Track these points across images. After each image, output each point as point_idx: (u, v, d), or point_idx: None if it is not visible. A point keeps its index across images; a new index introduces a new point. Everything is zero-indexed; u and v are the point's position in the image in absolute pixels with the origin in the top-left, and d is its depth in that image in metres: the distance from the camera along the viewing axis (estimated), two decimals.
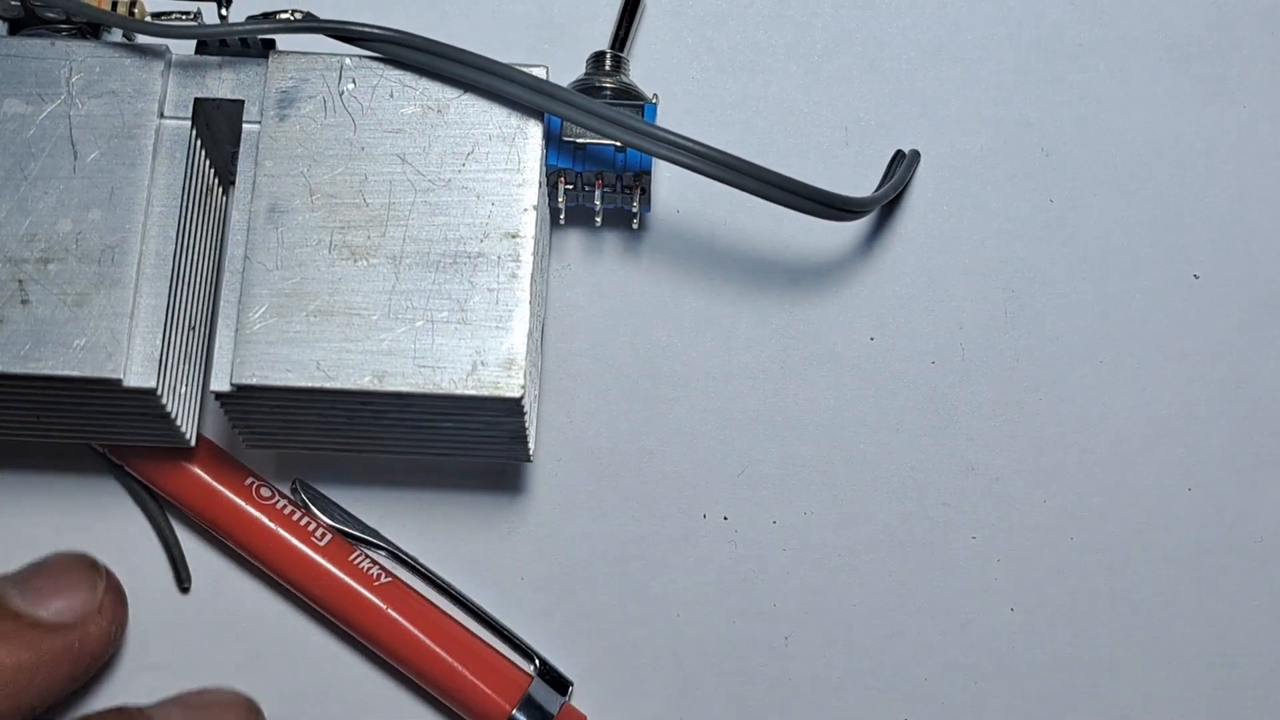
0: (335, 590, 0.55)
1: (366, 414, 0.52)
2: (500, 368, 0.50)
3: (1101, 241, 0.59)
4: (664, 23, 0.61)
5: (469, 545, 0.57)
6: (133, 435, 0.53)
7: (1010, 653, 0.56)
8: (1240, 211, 0.60)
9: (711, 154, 0.53)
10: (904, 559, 0.57)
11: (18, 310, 0.50)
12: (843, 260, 0.59)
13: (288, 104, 0.52)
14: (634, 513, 0.57)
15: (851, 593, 0.57)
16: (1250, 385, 0.58)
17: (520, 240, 0.51)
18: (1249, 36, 0.61)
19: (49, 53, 0.52)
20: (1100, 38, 0.61)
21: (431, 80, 0.53)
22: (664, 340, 0.58)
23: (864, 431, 0.58)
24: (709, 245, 0.59)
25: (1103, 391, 0.58)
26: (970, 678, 0.56)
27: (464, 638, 0.55)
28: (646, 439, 0.58)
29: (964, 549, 0.57)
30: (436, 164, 0.52)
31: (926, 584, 0.57)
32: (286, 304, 0.51)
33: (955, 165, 0.60)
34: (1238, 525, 0.57)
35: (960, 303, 0.59)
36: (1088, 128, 0.60)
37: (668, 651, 0.56)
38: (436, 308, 0.51)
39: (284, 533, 0.55)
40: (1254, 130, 0.60)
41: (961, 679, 0.56)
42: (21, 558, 0.56)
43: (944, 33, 0.61)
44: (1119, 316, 0.59)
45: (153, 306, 0.51)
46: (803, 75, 0.61)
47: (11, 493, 0.57)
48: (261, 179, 0.52)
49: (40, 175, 0.51)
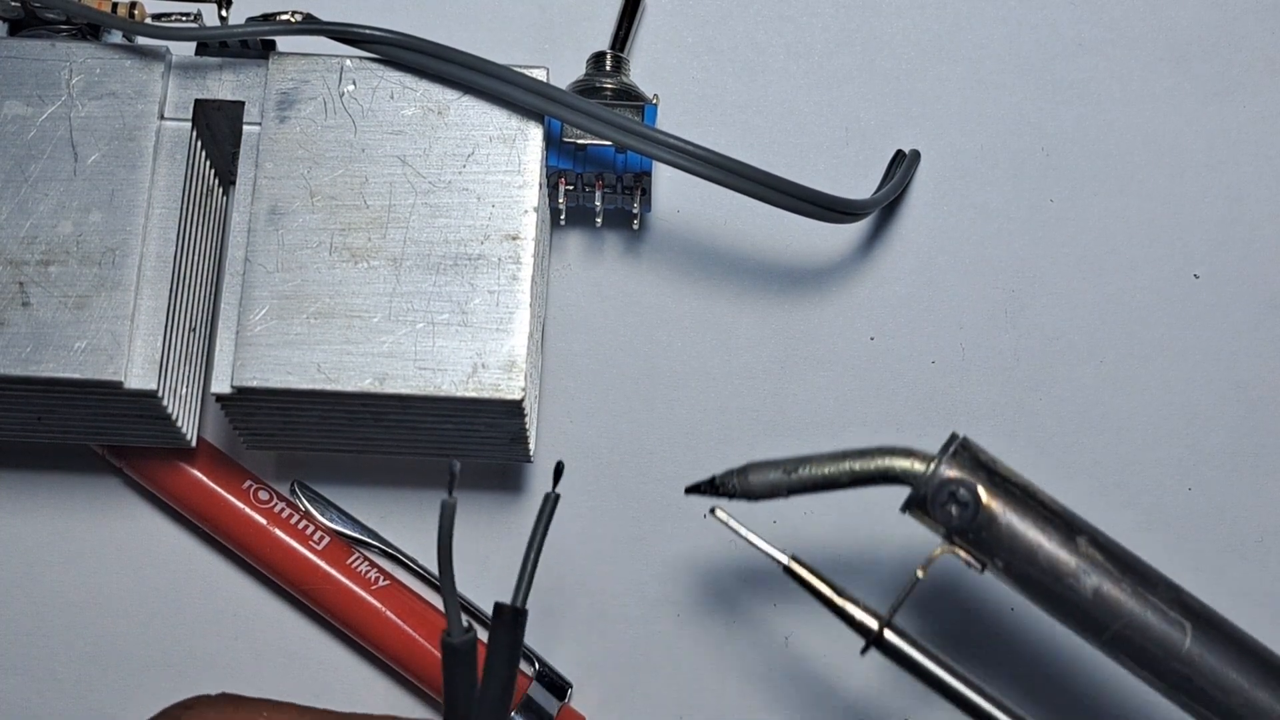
0: (333, 593, 0.55)
1: (367, 416, 0.52)
2: (501, 370, 0.50)
3: (1101, 241, 0.59)
4: (664, 23, 0.61)
5: (469, 545, 0.57)
6: (134, 436, 0.53)
7: (1010, 652, 0.56)
8: (1240, 211, 0.60)
9: (712, 158, 0.53)
10: (904, 559, 0.57)
11: (19, 313, 0.50)
12: (843, 260, 0.59)
13: (288, 105, 0.52)
14: (634, 513, 0.57)
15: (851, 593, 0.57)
16: (1250, 385, 0.58)
17: (521, 242, 0.51)
18: (1249, 36, 0.61)
19: (49, 54, 0.52)
20: (1100, 38, 0.61)
21: (432, 82, 0.53)
22: (664, 340, 0.58)
23: (864, 431, 0.58)
24: (709, 245, 0.59)
25: (1103, 391, 0.58)
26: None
27: None
28: (646, 439, 0.58)
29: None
30: (437, 166, 0.52)
31: (927, 583, 0.57)
32: (287, 306, 0.51)
33: (955, 165, 0.60)
34: (1238, 525, 0.57)
35: (960, 303, 0.59)
36: (1088, 128, 0.60)
37: (668, 651, 0.56)
38: (437, 310, 0.51)
39: (283, 535, 0.55)
40: (1254, 130, 0.60)
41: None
42: (22, 558, 0.56)
43: (944, 33, 0.61)
44: (1119, 316, 0.59)
45: (153, 308, 0.51)
46: (803, 75, 0.61)
47: (11, 493, 0.57)
48: (262, 181, 0.52)
49: (41, 177, 0.51)
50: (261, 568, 0.56)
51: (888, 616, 0.49)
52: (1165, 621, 0.48)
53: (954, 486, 0.49)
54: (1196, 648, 0.48)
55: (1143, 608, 0.48)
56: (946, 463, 0.49)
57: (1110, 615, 0.48)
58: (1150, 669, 0.48)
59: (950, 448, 0.49)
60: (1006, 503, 0.49)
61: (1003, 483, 0.49)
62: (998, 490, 0.49)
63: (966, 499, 0.48)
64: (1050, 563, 0.48)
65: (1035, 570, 0.49)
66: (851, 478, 0.50)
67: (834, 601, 0.49)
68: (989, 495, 0.49)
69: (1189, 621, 0.48)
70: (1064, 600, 0.49)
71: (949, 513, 0.49)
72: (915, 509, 0.49)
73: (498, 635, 0.45)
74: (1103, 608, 0.48)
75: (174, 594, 0.56)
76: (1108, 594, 0.48)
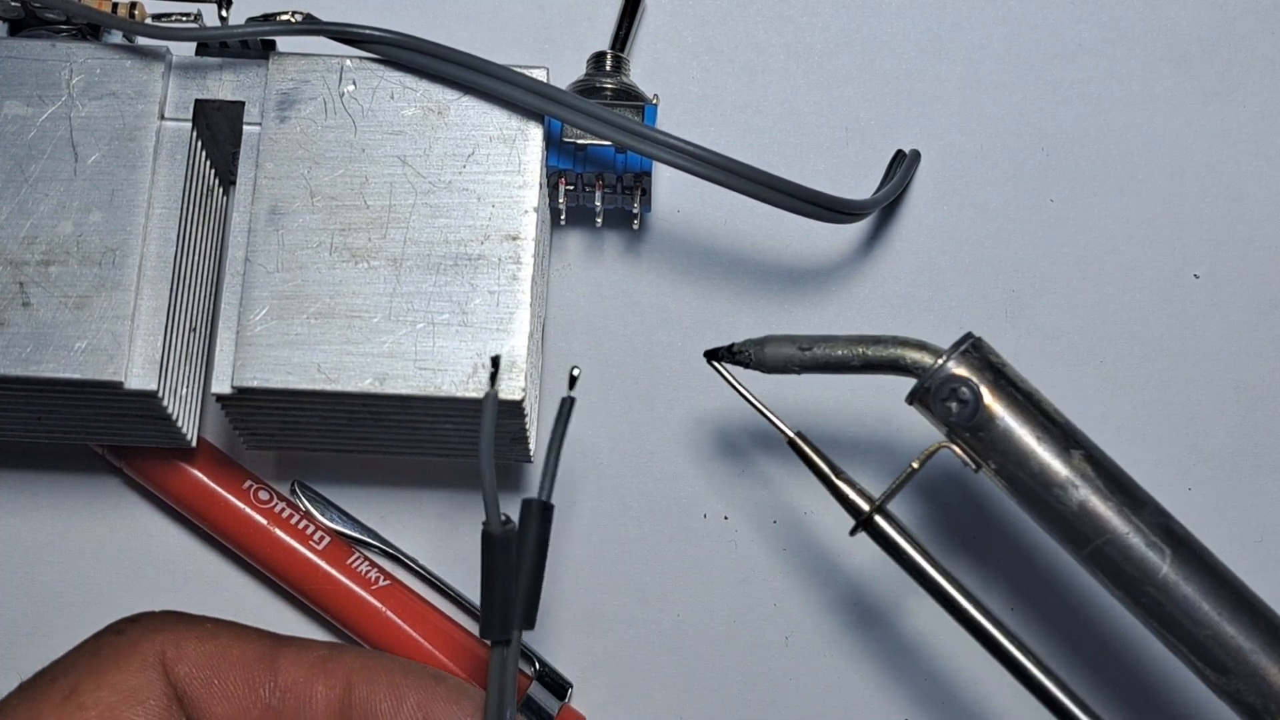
0: (333, 593, 0.55)
1: (367, 416, 0.52)
2: (501, 370, 0.50)
3: (1101, 241, 0.59)
4: (664, 23, 0.61)
5: (469, 545, 0.57)
6: (134, 436, 0.53)
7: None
8: (1240, 211, 0.60)
9: (712, 158, 0.53)
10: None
11: (19, 313, 0.50)
12: (843, 260, 0.59)
13: (288, 106, 0.52)
14: (634, 513, 0.57)
15: (852, 593, 0.57)
16: (1250, 385, 0.58)
17: (521, 242, 0.51)
18: (1249, 36, 0.61)
19: (49, 54, 0.52)
20: (1100, 38, 0.61)
21: (432, 82, 0.53)
22: (664, 340, 0.58)
23: (864, 431, 0.58)
24: (709, 245, 0.59)
25: (1103, 391, 0.58)
26: (970, 678, 0.56)
27: (462, 639, 0.55)
28: (646, 439, 0.58)
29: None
30: (437, 166, 0.52)
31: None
32: (287, 306, 0.51)
33: (955, 165, 0.60)
34: (1238, 525, 0.57)
35: (960, 303, 0.59)
36: (1088, 128, 0.60)
37: (668, 651, 0.56)
38: (437, 310, 0.51)
39: (283, 535, 0.55)
40: (1254, 130, 0.60)
41: (961, 679, 0.56)
42: (22, 558, 0.56)
43: (944, 33, 0.61)
44: (1119, 316, 0.59)
45: (154, 309, 0.51)
46: (803, 75, 0.61)
47: (11, 493, 0.57)
48: (262, 181, 0.52)
49: (41, 177, 0.51)
50: (261, 568, 0.56)
51: (880, 501, 0.50)
52: (1146, 544, 0.49)
53: (957, 384, 0.49)
54: (1173, 575, 0.49)
55: (1126, 528, 0.49)
56: (955, 359, 0.50)
57: (1093, 530, 0.49)
58: (1125, 590, 0.49)
59: (961, 345, 0.50)
60: (1008, 406, 0.49)
61: (1008, 386, 0.50)
62: (1001, 393, 0.49)
63: (967, 397, 0.49)
64: (1041, 470, 0.49)
65: (1025, 475, 0.49)
66: (863, 362, 0.51)
67: (831, 480, 0.51)
68: (992, 396, 0.49)
69: (1170, 548, 0.49)
70: (1049, 509, 0.49)
71: (948, 409, 0.49)
72: (918, 401, 0.50)
73: (527, 526, 0.47)
74: (1086, 522, 0.49)
75: (174, 594, 0.56)
76: (1093, 509, 0.49)
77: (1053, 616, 0.56)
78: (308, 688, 0.47)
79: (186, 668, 0.46)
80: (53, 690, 0.46)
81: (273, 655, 0.47)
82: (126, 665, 0.46)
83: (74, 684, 0.46)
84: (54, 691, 0.45)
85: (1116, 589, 0.49)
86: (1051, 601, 0.56)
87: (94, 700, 0.45)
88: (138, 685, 0.46)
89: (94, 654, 0.47)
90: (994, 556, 0.57)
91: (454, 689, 0.47)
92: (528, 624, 0.47)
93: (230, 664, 0.47)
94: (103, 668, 0.46)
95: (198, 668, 0.47)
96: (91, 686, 0.46)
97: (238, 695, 0.47)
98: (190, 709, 0.46)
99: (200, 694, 0.46)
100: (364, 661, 0.47)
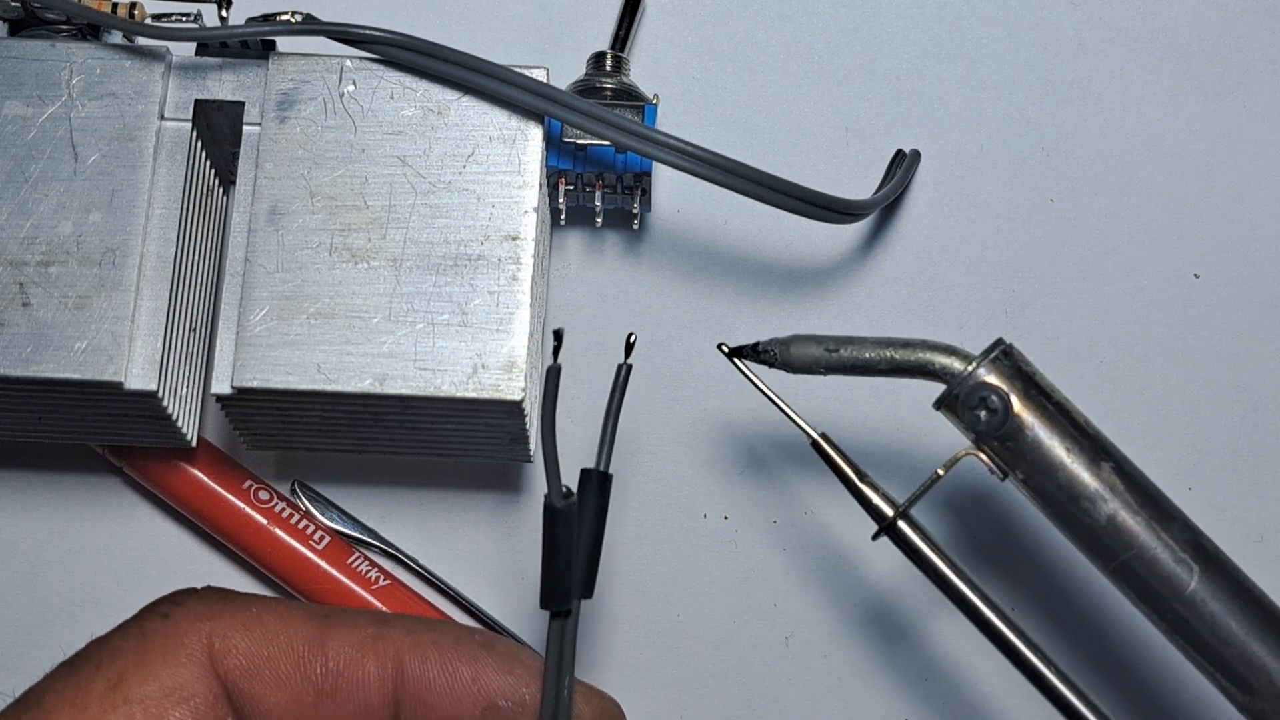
0: (333, 593, 0.55)
1: (367, 416, 0.52)
2: (501, 370, 0.50)
3: (1101, 241, 0.59)
4: (664, 23, 0.61)
5: (469, 545, 0.57)
6: (134, 436, 0.53)
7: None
8: (1240, 211, 0.60)
9: (712, 158, 0.53)
10: (904, 559, 0.57)
11: (19, 313, 0.50)
12: (843, 261, 0.59)
13: (288, 106, 0.52)
14: (634, 513, 0.57)
15: (851, 593, 0.57)
16: (1250, 385, 0.58)
17: (521, 242, 0.51)
18: (1249, 36, 0.61)
19: (49, 54, 0.52)
20: (1100, 37, 0.61)
21: (432, 82, 0.53)
22: (664, 340, 0.58)
23: (864, 431, 0.58)
24: (709, 245, 0.59)
25: (1102, 391, 0.58)
26: (970, 678, 0.56)
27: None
28: (646, 439, 0.58)
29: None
30: (437, 166, 0.52)
31: (927, 582, 0.57)
32: (287, 306, 0.51)
33: (955, 165, 0.60)
34: (1238, 525, 0.57)
35: (960, 303, 0.59)
36: (1088, 128, 0.60)
37: (668, 651, 0.56)
38: (437, 310, 0.51)
39: (283, 535, 0.55)
40: (1254, 130, 0.60)
41: (961, 679, 0.56)
42: (22, 558, 0.56)
43: (944, 33, 0.61)
44: (1119, 316, 0.59)
45: (154, 309, 0.51)
46: (803, 75, 0.61)
47: (11, 493, 0.57)
48: (262, 181, 0.52)
49: (41, 178, 0.51)
50: (261, 568, 0.56)
51: (904, 506, 0.50)
52: (1174, 560, 0.48)
53: (986, 392, 0.49)
54: (1201, 592, 0.48)
55: (1154, 543, 0.48)
56: (985, 366, 0.49)
57: (1120, 544, 0.48)
58: (1151, 605, 0.48)
59: (992, 352, 0.49)
60: (1038, 415, 0.49)
61: (1038, 395, 0.49)
62: (1031, 402, 0.49)
63: (996, 406, 0.49)
64: (1069, 482, 0.49)
65: (1053, 487, 0.49)
66: (891, 366, 0.50)
67: (855, 484, 0.50)
68: (1021, 405, 0.49)
69: (1198, 565, 0.48)
70: (1077, 522, 0.49)
71: (976, 417, 0.49)
72: (946, 408, 0.50)
73: (586, 497, 0.48)
74: (1114, 536, 0.48)
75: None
76: (1121, 523, 0.48)
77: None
78: (359, 669, 0.46)
79: (235, 660, 0.46)
80: (97, 678, 0.45)
81: (321, 636, 0.46)
82: (173, 658, 0.45)
83: (119, 674, 0.45)
84: (98, 679, 0.45)
85: (1143, 604, 0.49)
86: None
87: (140, 695, 0.45)
88: (184, 681, 0.45)
89: (140, 641, 0.46)
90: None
91: (505, 657, 0.47)
92: (586, 593, 0.47)
93: (279, 650, 0.46)
94: (149, 658, 0.45)
95: (246, 658, 0.46)
96: (137, 679, 0.45)
97: (289, 682, 0.46)
98: (240, 701, 0.46)
99: (250, 686, 0.46)
100: (414, 637, 0.47)
